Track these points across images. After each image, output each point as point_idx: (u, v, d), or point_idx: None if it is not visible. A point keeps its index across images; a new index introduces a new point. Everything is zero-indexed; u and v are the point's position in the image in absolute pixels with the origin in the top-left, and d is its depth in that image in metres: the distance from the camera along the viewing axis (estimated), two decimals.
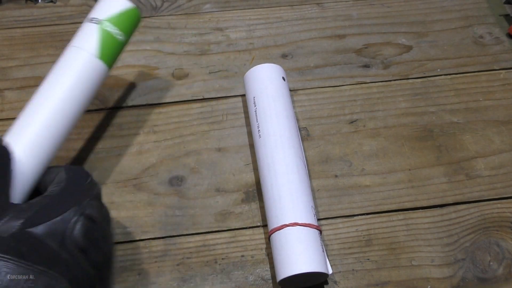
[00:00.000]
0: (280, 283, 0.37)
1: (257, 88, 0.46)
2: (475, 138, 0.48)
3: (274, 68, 0.48)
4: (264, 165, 0.42)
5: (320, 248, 0.37)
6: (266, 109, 0.45)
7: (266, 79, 0.47)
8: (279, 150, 0.42)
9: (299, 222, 0.37)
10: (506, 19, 0.59)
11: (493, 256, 0.41)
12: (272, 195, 0.40)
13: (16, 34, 0.57)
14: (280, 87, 0.46)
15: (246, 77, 0.48)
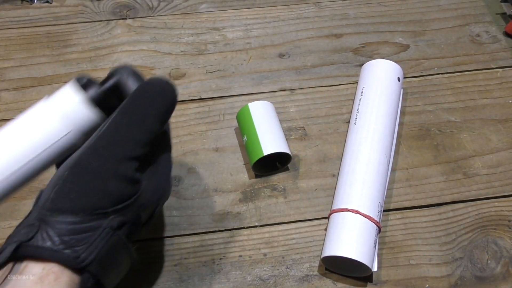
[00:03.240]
0: (324, 260, 0.39)
1: (368, 80, 0.48)
2: (472, 137, 0.48)
3: (393, 66, 0.48)
4: (349, 151, 0.44)
5: (373, 243, 0.38)
6: (370, 101, 0.46)
7: (381, 74, 0.48)
8: (368, 142, 0.43)
9: (361, 211, 0.39)
10: (502, 18, 0.59)
11: (491, 254, 0.41)
12: (346, 179, 0.42)
13: (12, 35, 0.57)
14: (392, 85, 0.47)
15: (363, 68, 0.50)
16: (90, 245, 0.26)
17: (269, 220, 0.43)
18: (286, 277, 0.40)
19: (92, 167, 0.28)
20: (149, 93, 0.31)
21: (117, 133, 0.29)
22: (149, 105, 0.30)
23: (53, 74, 0.53)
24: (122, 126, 0.29)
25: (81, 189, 0.27)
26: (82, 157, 0.28)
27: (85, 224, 0.27)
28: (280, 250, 0.41)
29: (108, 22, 0.59)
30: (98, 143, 0.29)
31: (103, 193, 0.28)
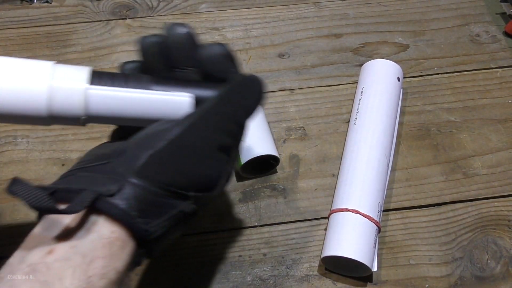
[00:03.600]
0: (323, 260, 0.39)
1: (368, 80, 0.48)
2: (472, 137, 0.48)
3: (392, 66, 0.48)
4: (349, 151, 0.44)
5: (372, 243, 0.38)
6: (369, 101, 0.46)
7: (380, 74, 0.48)
8: (367, 141, 0.43)
9: (361, 211, 0.39)
10: (502, 18, 0.59)
11: (490, 254, 0.41)
12: (345, 179, 0.42)
13: (11, 35, 0.57)
14: (392, 85, 0.47)
15: (363, 68, 0.50)
16: (162, 221, 0.26)
17: (269, 220, 0.43)
18: (286, 277, 0.40)
19: (192, 148, 0.28)
20: (248, 87, 0.31)
21: (217, 120, 0.29)
22: (245, 99, 0.30)
23: None
24: (222, 113, 0.29)
25: (176, 165, 0.27)
26: (184, 134, 0.28)
27: (165, 200, 0.26)
28: (280, 250, 0.41)
29: (107, 22, 0.59)
30: (200, 125, 0.28)
31: (195, 177, 0.28)
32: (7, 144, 0.47)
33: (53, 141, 0.48)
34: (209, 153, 0.28)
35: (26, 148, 0.47)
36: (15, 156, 0.47)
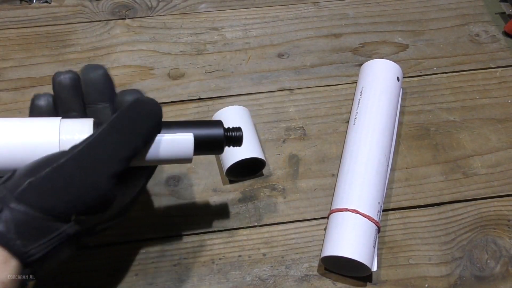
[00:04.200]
0: (323, 260, 0.39)
1: (367, 80, 0.48)
2: (471, 137, 0.48)
3: (392, 66, 0.48)
4: (348, 151, 0.44)
5: (372, 243, 0.38)
6: (369, 101, 0.46)
7: (380, 74, 0.48)
8: (367, 141, 0.43)
9: (360, 211, 0.39)
10: (502, 17, 0.59)
11: (490, 254, 0.41)
12: (345, 178, 0.42)
13: (10, 35, 0.57)
14: (391, 85, 0.47)
15: (362, 68, 0.50)
16: (42, 243, 0.27)
17: (269, 220, 0.43)
18: (286, 277, 0.40)
19: (74, 174, 0.28)
20: (140, 111, 0.31)
21: (105, 147, 0.29)
22: (138, 123, 0.31)
23: (52, 74, 0.53)
24: (111, 140, 0.29)
25: (61, 188, 0.27)
26: (67, 162, 0.28)
27: (45, 223, 0.27)
28: (279, 250, 0.41)
29: (107, 22, 0.59)
30: (85, 152, 0.29)
31: (77, 201, 0.28)
32: None
33: None
34: (95, 180, 0.28)
35: None
36: None
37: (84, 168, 0.28)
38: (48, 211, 0.27)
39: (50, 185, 0.27)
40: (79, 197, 0.28)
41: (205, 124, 0.35)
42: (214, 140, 0.34)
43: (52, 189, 0.27)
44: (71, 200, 0.28)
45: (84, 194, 0.28)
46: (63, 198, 0.27)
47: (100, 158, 0.29)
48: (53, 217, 0.27)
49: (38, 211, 0.27)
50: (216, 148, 0.35)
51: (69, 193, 0.28)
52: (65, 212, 0.28)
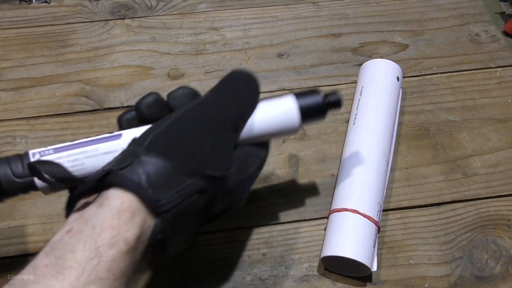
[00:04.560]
0: (323, 260, 0.39)
1: (367, 80, 0.48)
2: (471, 136, 0.48)
3: (392, 66, 0.48)
4: (348, 150, 0.44)
5: (372, 243, 0.38)
6: (369, 101, 0.46)
7: (380, 73, 0.48)
8: (367, 141, 0.43)
9: (360, 211, 0.38)
10: (501, 17, 0.59)
11: (490, 254, 0.41)
12: (345, 178, 0.42)
13: (10, 35, 0.57)
14: (391, 85, 0.47)
15: (362, 68, 0.50)
16: (171, 194, 0.27)
17: (268, 220, 0.43)
18: (286, 277, 0.40)
19: (198, 126, 0.30)
20: (239, 78, 0.33)
21: (222, 105, 0.31)
22: (241, 88, 0.33)
23: (51, 74, 0.53)
24: (219, 101, 0.32)
25: (183, 140, 0.29)
26: (188, 114, 0.30)
27: (173, 174, 0.27)
28: (279, 250, 0.41)
29: (106, 22, 0.59)
30: (205, 105, 0.31)
31: (201, 153, 0.29)
32: (6, 144, 0.47)
33: (52, 141, 0.48)
34: (217, 134, 0.30)
35: (24, 148, 0.47)
36: None
37: (206, 121, 0.30)
38: (175, 160, 0.28)
39: (175, 134, 0.29)
40: (203, 149, 0.29)
41: (301, 93, 0.35)
42: (315, 105, 0.35)
43: (178, 138, 0.29)
44: (196, 151, 0.29)
45: (208, 146, 0.30)
46: (188, 147, 0.29)
47: (221, 112, 0.31)
48: (180, 167, 0.28)
49: (166, 161, 0.27)
50: (319, 113, 0.35)
51: (194, 144, 0.29)
52: (191, 163, 0.28)
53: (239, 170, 0.32)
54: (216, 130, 0.30)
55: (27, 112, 0.50)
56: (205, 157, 0.29)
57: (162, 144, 0.28)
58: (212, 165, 0.30)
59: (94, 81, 0.53)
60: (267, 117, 0.34)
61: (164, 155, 0.28)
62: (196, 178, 0.28)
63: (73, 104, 0.51)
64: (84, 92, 0.52)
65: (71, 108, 0.50)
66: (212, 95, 0.32)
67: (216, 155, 0.30)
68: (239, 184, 0.32)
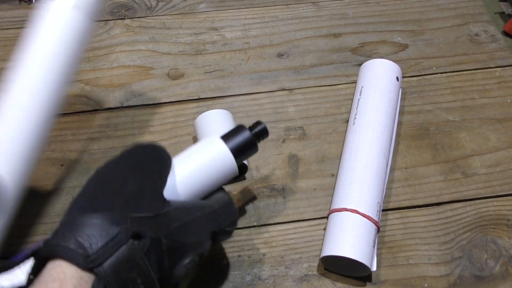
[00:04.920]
0: (323, 260, 0.39)
1: (367, 80, 0.48)
2: (471, 136, 0.48)
3: (391, 66, 0.48)
4: (348, 150, 0.44)
5: (371, 243, 0.38)
6: (368, 101, 0.46)
7: (379, 73, 0.48)
8: (367, 141, 0.43)
9: (360, 211, 0.39)
10: (501, 17, 0.59)
11: (490, 254, 0.41)
12: (344, 178, 0.42)
13: (10, 35, 0.57)
14: (391, 85, 0.47)
15: (362, 68, 0.50)
16: (102, 246, 0.26)
17: (268, 220, 0.43)
18: (285, 277, 0.40)
19: (114, 175, 0.30)
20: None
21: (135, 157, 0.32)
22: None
23: None
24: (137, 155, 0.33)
25: (102, 191, 0.29)
26: (101, 171, 0.31)
27: (102, 225, 0.27)
28: (279, 250, 0.41)
29: (106, 22, 0.59)
30: (119, 160, 0.32)
31: (124, 197, 0.29)
32: None
33: (52, 141, 0.48)
34: (130, 174, 0.31)
35: None
36: None
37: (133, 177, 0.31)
38: (97, 212, 0.28)
39: (89, 193, 0.30)
40: (126, 190, 0.30)
41: (230, 133, 0.36)
42: (245, 141, 0.36)
43: (93, 195, 0.29)
44: (120, 195, 0.29)
45: (132, 187, 0.30)
46: (111, 194, 0.29)
47: (127, 164, 0.32)
48: (108, 217, 0.27)
49: (90, 215, 0.27)
50: (251, 147, 0.37)
51: (115, 189, 0.29)
52: (117, 208, 0.28)
53: (186, 211, 0.32)
54: (134, 173, 0.30)
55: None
56: (129, 201, 0.29)
57: (84, 202, 0.28)
58: (139, 206, 0.29)
59: (94, 81, 0.53)
60: (204, 172, 0.34)
61: (87, 211, 0.28)
62: (126, 224, 0.28)
63: (73, 104, 0.51)
64: (84, 92, 0.52)
65: (71, 108, 0.50)
66: (120, 157, 0.32)
67: (140, 196, 0.30)
68: (186, 226, 0.31)
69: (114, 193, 0.29)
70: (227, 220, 0.34)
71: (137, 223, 0.28)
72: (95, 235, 0.26)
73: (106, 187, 0.29)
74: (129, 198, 0.29)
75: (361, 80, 0.48)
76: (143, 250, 0.28)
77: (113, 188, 0.29)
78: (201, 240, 0.32)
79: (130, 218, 0.28)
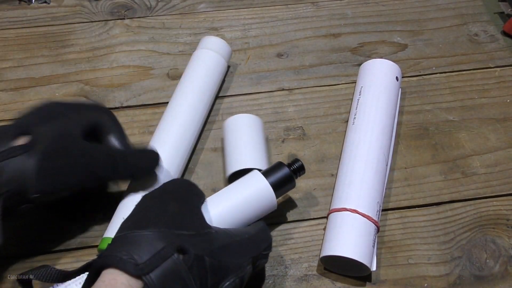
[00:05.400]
0: (322, 260, 0.39)
1: (366, 80, 0.48)
2: (470, 136, 0.49)
3: (391, 66, 0.48)
4: (347, 150, 0.44)
5: (371, 243, 0.38)
6: (368, 100, 0.46)
7: (379, 73, 0.48)
8: (366, 140, 0.43)
9: (360, 211, 0.39)
10: (500, 17, 0.59)
11: (489, 253, 0.41)
12: (344, 178, 0.42)
13: (9, 35, 0.57)
14: (390, 85, 0.47)
15: (361, 68, 0.50)
16: (150, 258, 0.29)
17: (268, 220, 0.43)
18: (285, 276, 0.40)
19: (158, 198, 0.34)
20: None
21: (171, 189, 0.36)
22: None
23: (51, 74, 0.53)
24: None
25: (149, 212, 0.32)
26: (147, 196, 0.35)
27: (149, 241, 0.30)
28: (278, 250, 0.41)
29: (106, 22, 0.59)
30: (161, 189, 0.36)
31: (168, 216, 0.32)
32: None
33: None
34: (170, 198, 0.35)
35: None
36: None
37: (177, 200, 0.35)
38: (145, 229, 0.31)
39: (138, 213, 0.33)
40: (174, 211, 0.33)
41: (270, 170, 0.39)
42: (284, 178, 0.39)
43: (141, 215, 0.33)
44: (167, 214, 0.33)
45: (178, 208, 0.33)
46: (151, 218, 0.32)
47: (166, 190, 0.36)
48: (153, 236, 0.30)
49: (139, 232, 0.31)
50: (289, 183, 0.39)
51: (164, 209, 0.33)
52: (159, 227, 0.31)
53: (226, 234, 0.34)
54: (175, 198, 0.34)
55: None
56: (172, 220, 0.32)
57: (132, 223, 0.32)
58: (181, 224, 0.32)
59: (93, 81, 0.53)
60: (246, 205, 0.37)
61: (136, 229, 0.31)
62: (171, 239, 0.30)
63: None
64: (84, 92, 0.52)
65: None
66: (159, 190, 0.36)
67: (182, 216, 0.33)
68: (227, 247, 0.33)
69: (159, 214, 0.32)
70: (263, 244, 0.35)
71: (180, 239, 0.30)
72: (144, 249, 0.29)
73: (152, 210, 0.33)
74: (172, 217, 0.32)
75: (361, 80, 0.49)
76: (187, 265, 0.30)
77: (157, 210, 0.32)
78: (242, 263, 0.33)
79: (175, 235, 0.30)
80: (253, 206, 0.37)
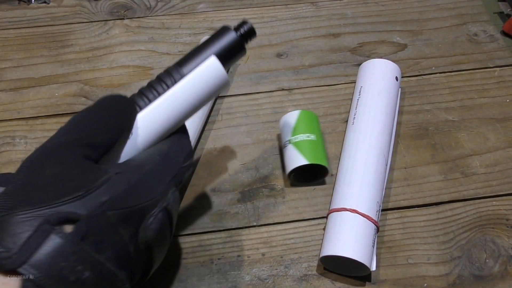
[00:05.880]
0: (322, 260, 0.39)
1: (366, 80, 0.48)
2: (470, 136, 0.49)
3: (390, 65, 0.48)
4: (347, 150, 0.44)
5: (371, 242, 0.38)
6: (368, 101, 0.46)
7: (379, 73, 0.48)
8: (366, 140, 0.43)
9: (359, 211, 0.39)
10: (500, 17, 0.59)
11: (489, 253, 0.41)
12: (344, 178, 0.42)
13: (9, 35, 0.57)
14: (390, 85, 0.47)
15: (361, 68, 0.50)
16: (23, 243, 0.23)
17: (268, 220, 0.43)
18: (285, 276, 0.40)
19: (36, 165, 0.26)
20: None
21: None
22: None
23: (50, 74, 0.53)
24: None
25: (27, 181, 0.25)
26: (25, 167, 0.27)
27: (18, 223, 0.23)
28: (278, 250, 0.41)
29: (105, 22, 0.59)
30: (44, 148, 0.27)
31: (48, 183, 0.25)
32: (5, 144, 0.47)
33: None
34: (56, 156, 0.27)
35: (24, 148, 0.47)
36: (13, 157, 0.47)
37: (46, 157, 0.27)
38: (15, 210, 0.24)
39: (11, 187, 0.26)
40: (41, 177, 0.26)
41: (214, 38, 0.32)
42: (234, 45, 0.32)
43: (7, 193, 0.25)
44: (32, 186, 0.26)
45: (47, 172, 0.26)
46: (24, 187, 0.26)
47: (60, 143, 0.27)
48: (23, 216, 0.24)
49: (5, 214, 0.24)
50: (239, 50, 0.32)
51: (28, 181, 0.26)
52: (33, 201, 0.25)
53: (132, 169, 0.28)
54: (54, 155, 0.27)
55: (26, 112, 0.50)
56: (48, 188, 0.25)
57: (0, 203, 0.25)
58: (63, 189, 0.25)
59: (93, 81, 0.53)
60: (187, 91, 0.31)
61: (3, 210, 0.24)
62: (48, 213, 0.24)
63: (73, 105, 0.51)
64: (83, 93, 0.52)
65: (70, 109, 0.50)
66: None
67: (65, 178, 0.26)
68: (135, 185, 0.27)
69: (32, 184, 0.25)
70: (181, 156, 0.30)
71: (63, 208, 0.25)
72: (17, 233, 0.23)
73: (24, 181, 0.26)
74: (49, 185, 0.25)
75: (360, 80, 0.49)
76: (80, 234, 0.24)
77: (31, 180, 0.26)
78: (162, 191, 0.28)
79: (55, 204, 0.24)
80: (197, 86, 0.31)
